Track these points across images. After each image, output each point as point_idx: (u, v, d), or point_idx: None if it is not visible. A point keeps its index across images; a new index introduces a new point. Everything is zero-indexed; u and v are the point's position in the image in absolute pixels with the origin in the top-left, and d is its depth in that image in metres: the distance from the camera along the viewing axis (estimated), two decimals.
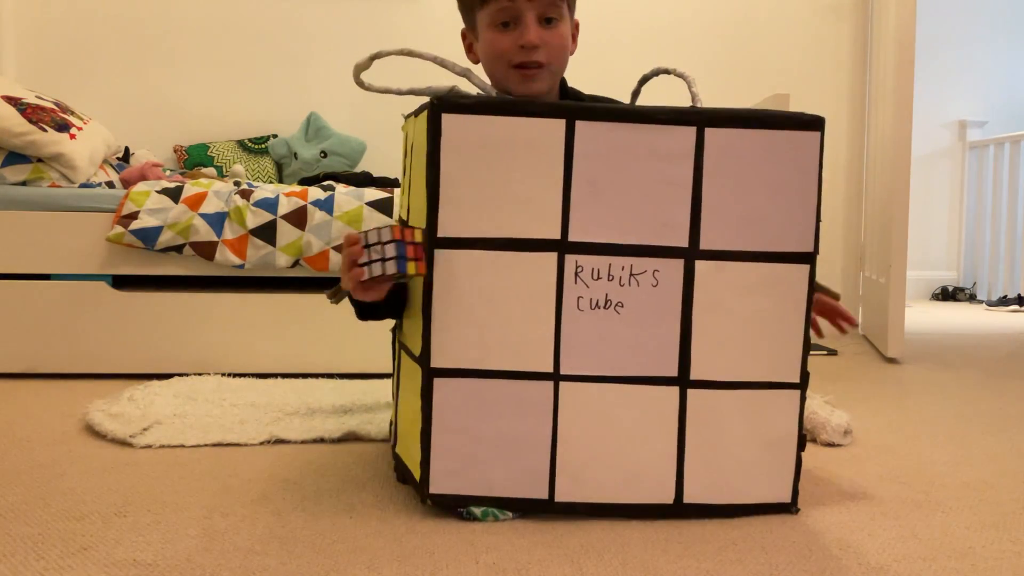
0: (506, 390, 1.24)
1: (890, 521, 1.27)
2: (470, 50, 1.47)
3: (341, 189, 2.37)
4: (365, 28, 3.31)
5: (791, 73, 3.39)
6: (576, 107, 1.22)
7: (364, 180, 2.81)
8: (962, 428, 1.86)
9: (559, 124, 1.21)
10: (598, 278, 1.23)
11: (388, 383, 2.18)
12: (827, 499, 1.36)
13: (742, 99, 3.09)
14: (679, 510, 1.27)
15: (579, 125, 1.21)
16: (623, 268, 1.24)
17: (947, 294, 4.80)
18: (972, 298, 4.75)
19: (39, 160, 2.40)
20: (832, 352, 2.85)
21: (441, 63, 1.33)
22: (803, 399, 1.30)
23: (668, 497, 1.27)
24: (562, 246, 1.23)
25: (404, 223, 1.40)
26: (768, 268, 1.27)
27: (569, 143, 1.21)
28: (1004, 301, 4.37)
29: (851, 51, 3.39)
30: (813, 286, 1.28)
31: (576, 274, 1.23)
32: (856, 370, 2.58)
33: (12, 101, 2.41)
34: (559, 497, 1.26)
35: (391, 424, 1.52)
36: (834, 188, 3.38)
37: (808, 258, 1.27)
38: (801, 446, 1.31)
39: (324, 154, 3.12)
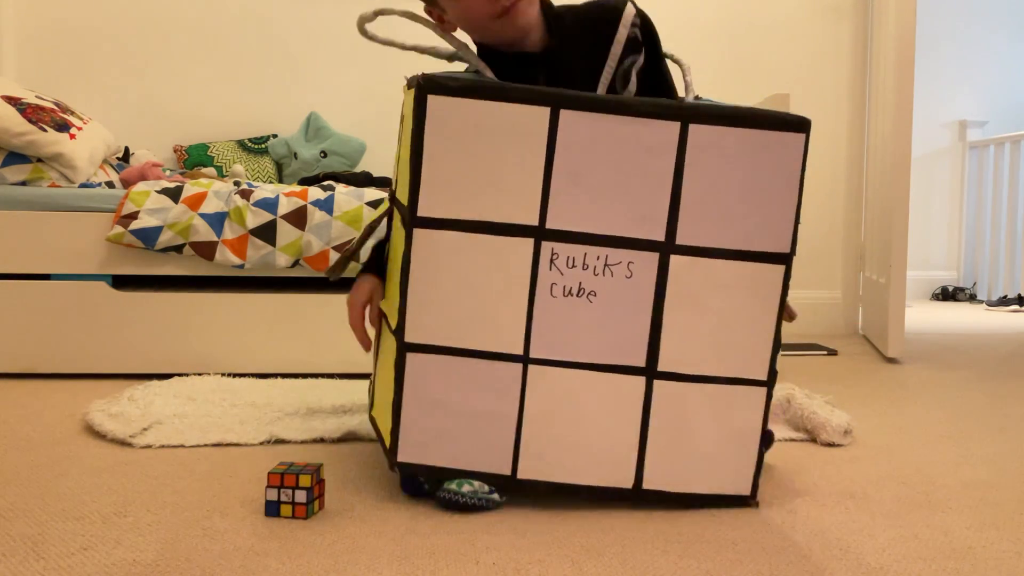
0: (476, 369, 1.26)
1: (890, 521, 1.27)
2: (441, 21, 1.43)
3: (341, 189, 2.37)
4: None
5: (791, 73, 3.39)
6: (562, 96, 1.22)
7: (364, 180, 2.81)
8: (962, 428, 1.86)
9: (544, 112, 1.21)
10: (573, 266, 1.25)
11: None
12: (827, 499, 1.36)
13: (742, 99, 3.08)
14: (637, 495, 1.30)
15: (563, 114, 1.21)
16: (598, 258, 1.25)
17: (947, 294, 4.80)
18: (972, 298, 4.74)
19: (39, 160, 2.40)
20: (832, 352, 2.85)
21: (440, 34, 1.39)
22: (769, 396, 1.31)
23: (627, 482, 1.30)
24: (539, 233, 1.24)
25: (394, 198, 1.46)
26: (743, 267, 1.27)
27: (552, 131, 1.22)
28: (1004, 301, 4.36)
29: (851, 51, 3.39)
30: (787, 286, 1.29)
31: (551, 261, 1.24)
32: (856, 370, 2.58)
33: (12, 101, 2.41)
34: (522, 475, 1.29)
35: (370, 388, 1.55)
36: (834, 188, 3.38)
37: (784, 259, 1.28)
38: (766, 443, 1.33)
39: (324, 154, 3.12)
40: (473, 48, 1.44)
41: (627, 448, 1.29)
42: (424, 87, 1.20)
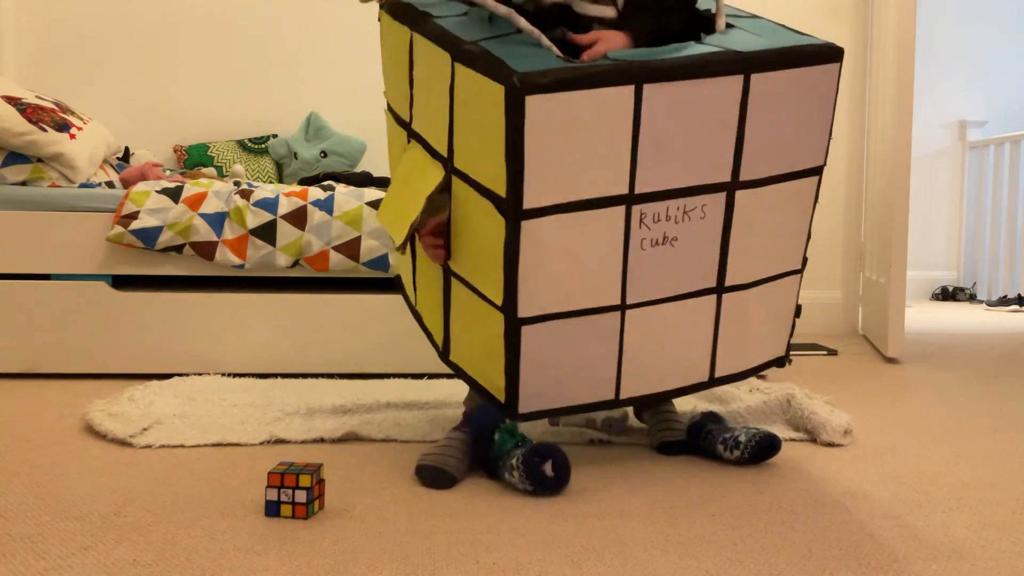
0: (581, 324, 1.38)
1: (890, 521, 1.27)
2: None
3: (341, 189, 2.37)
4: (365, 28, 3.30)
5: None
6: (644, 70, 1.27)
7: (364, 180, 2.81)
8: (962, 428, 1.86)
9: (628, 90, 1.26)
10: (658, 220, 1.35)
11: (387, 383, 2.18)
12: (827, 499, 1.36)
13: None
14: (712, 383, 1.52)
15: (647, 88, 1.27)
16: (679, 208, 1.35)
17: (947, 294, 4.80)
18: (972, 298, 4.74)
19: (39, 160, 2.40)
20: (832, 352, 2.85)
21: None
22: (801, 276, 1.54)
23: (704, 377, 1.51)
24: (630, 199, 1.32)
25: (400, 120, 1.57)
26: (788, 185, 1.41)
27: (637, 106, 1.27)
28: (1004, 301, 4.36)
29: (851, 51, 3.38)
30: (819, 189, 1.46)
31: (641, 220, 1.34)
32: (856, 370, 2.58)
33: (12, 101, 2.41)
34: (623, 396, 1.46)
35: (403, 283, 1.75)
36: (834, 188, 3.38)
37: (819, 170, 1.45)
38: (797, 314, 1.56)
39: (324, 154, 3.12)
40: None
41: (703, 352, 1.49)
42: (521, 88, 1.21)
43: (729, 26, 1.47)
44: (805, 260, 1.53)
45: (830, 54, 1.38)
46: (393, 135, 1.69)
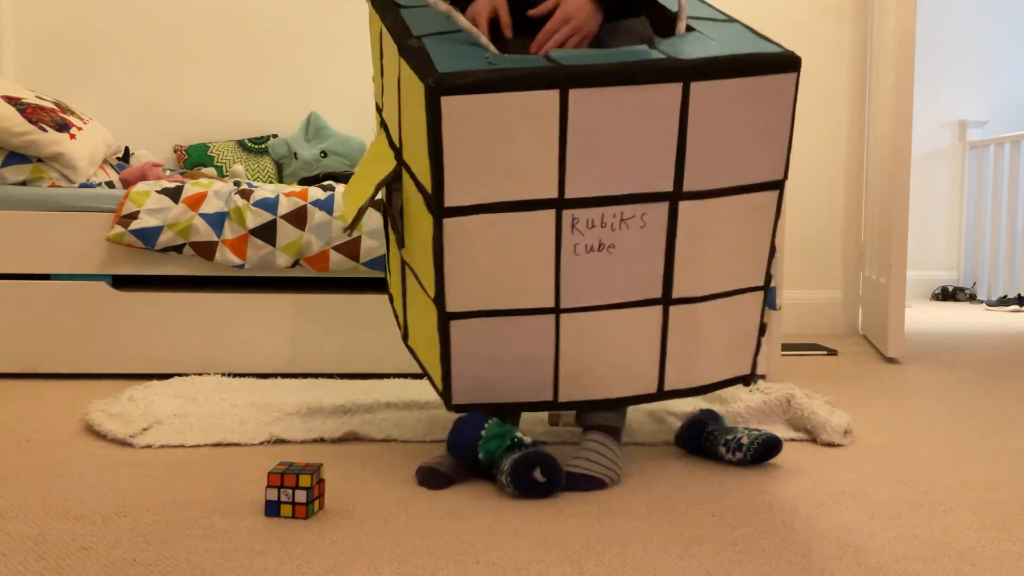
0: (514, 324, 1.37)
1: (890, 521, 1.27)
2: None
3: (341, 189, 2.37)
4: (365, 28, 3.31)
5: None
6: (569, 75, 1.24)
7: None
8: (962, 428, 1.86)
9: (553, 95, 1.24)
10: (592, 227, 1.31)
11: (387, 383, 2.18)
12: (827, 499, 1.36)
13: None
14: (661, 396, 1.47)
15: (572, 93, 1.24)
16: (615, 215, 1.31)
17: (947, 294, 4.80)
18: (972, 298, 4.74)
19: (39, 160, 2.40)
20: (832, 352, 2.85)
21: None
22: (766, 296, 1.48)
23: (652, 388, 1.46)
24: (559, 203, 1.30)
25: (377, 106, 1.57)
26: (743, 199, 1.36)
27: (563, 111, 1.25)
28: (1004, 301, 4.36)
29: (851, 51, 3.39)
30: (781, 204, 1.40)
31: (572, 225, 1.31)
32: (856, 370, 2.58)
33: (12, 101, 2.41)
34: (562, 399, 1.44)
35: (390, 295, 1.72)
36: (834, 188, 3.38)
37: (779, 184, 1.37)
38: (762, 332, 1.50)
39: (324, 154, 3.12)
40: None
41: (650, 363, 1.43)
42: (436, 89, 1.22)
43: (692, 29, 1.43)
44: (769, 277, 1.47)
45: (785, 64, 1.29)
46: (376, 121, 1.72)
